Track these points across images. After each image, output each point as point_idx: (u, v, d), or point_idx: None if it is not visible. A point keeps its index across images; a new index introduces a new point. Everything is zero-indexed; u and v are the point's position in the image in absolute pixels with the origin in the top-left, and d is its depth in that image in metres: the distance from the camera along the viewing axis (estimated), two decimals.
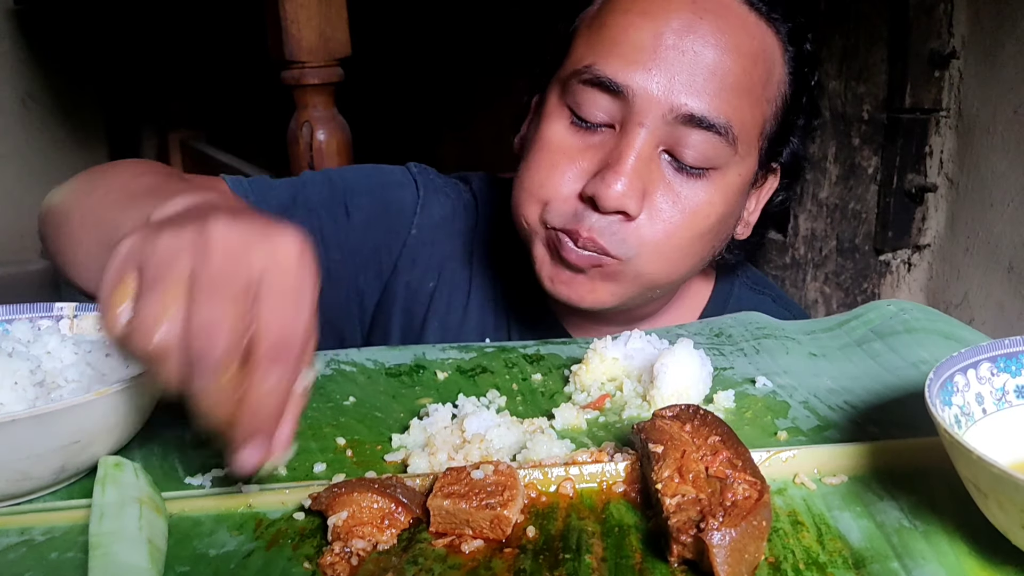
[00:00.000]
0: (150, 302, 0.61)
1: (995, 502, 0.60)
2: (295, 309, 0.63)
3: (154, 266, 0.62)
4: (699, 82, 1.02)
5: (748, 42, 1.06)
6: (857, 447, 0.77)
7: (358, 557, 0.65)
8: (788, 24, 1.10)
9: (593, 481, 0.75)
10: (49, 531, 0.70)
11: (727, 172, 1.07)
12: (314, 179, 1.28)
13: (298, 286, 0.64)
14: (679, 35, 1.03)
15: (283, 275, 0.63)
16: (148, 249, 0.62)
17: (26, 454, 0.69)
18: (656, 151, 1.04)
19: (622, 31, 1.05)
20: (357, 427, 0.87)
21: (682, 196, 1.05)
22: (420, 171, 1.33)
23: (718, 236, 1.13)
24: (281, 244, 0.64)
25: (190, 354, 0.60)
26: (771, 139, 1.12)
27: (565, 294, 1.09)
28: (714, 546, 0.60)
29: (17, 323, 0.87)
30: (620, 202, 1.01)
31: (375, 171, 1.32)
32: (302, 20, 1.95)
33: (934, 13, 2.03)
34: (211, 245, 0.61)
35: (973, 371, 0.73)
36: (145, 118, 3.82)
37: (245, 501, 0.73)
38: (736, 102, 1.04)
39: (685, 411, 0.76)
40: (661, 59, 1.02)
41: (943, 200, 2.12)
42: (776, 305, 1.32)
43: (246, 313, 0.61)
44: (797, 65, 1.12)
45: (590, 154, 1.06)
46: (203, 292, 0.60)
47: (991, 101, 1.95)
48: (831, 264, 2.30)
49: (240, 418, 0.63)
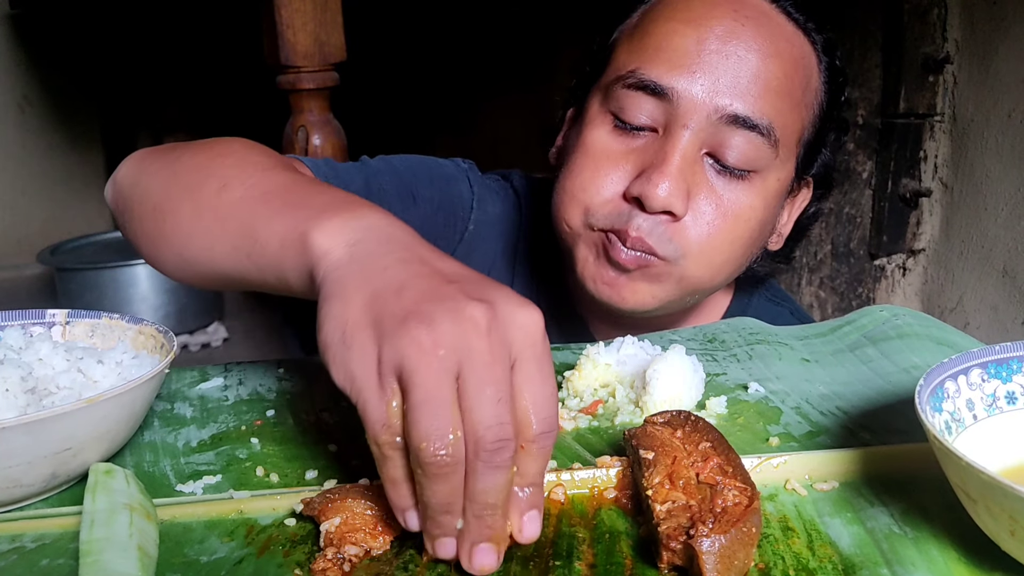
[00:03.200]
0: (432, 416, 0.57)
1: (984, 508, 0.60)
2: (551, 389, 0.62)
3: (423, 375, 0.58)
4: (743, 84, 1.04)
5: (788, 48, 1.08)
6: (848, 453, 0.77)
7: (351, 563, 0.65)
8: (821, 35, 1.14)
9: (584, 487, 0.75)
10: (40, 538, 0.70)
11: (767, 176, 1.09)
12: (380, 166, 1.24)
13: (548, 363, 0.62)
14: (722, 40, 1.05)
15: (536, 353, 0.61)
16: (407, 351, 0.58)
17: (17, 461, 0.69)
18: (699, 154, 1.06)
19: (666, 38, 1.07)
20: (349, 433, 0.87)
21: (725, 199, 1.07)
22: (470, 167, 1.33)
23: (756, 242, 1.14)
24: (529, 319, 0.62)
25: (474, 459, 0.58)
26: (807, 148, 1.15)
27: (607, 295, 1.10)
28: (703, 553, 0.60)
29: (9, 329, 0.87)
30: (666, 201, 1.03)
31: (433, 163, 1.31)
32: (297, 24, 1.95)
33: (928, 18, 2.03)
34: (475, 336, 0.59)
35: (964, 377, 0.73)
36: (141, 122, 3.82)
37: (236, 507, 0.73)
38: (779, 105, 1.07)
39: (676, 417, 0.76)
40: (705, 63, 1.05)
41: (938, 204, 2.12)
42: (793, 318, 1.33)
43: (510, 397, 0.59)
44: (831, 75, 1.15)
45: (633, 157, 1.07)
46: (478, 393, 0.58)
47: (985, 106, 1.96)
48: (826, 268, 2.31)
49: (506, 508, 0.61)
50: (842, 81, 1.18)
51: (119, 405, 0.73)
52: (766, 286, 1.36)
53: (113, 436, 0.75)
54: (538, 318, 0.62)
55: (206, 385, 0.98)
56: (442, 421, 0.57)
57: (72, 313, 0.91)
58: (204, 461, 0.82)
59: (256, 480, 0.78)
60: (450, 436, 0.57)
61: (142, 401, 0.77)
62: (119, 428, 0.76)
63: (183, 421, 0.90)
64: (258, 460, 0.81)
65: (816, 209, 1.25)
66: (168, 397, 0.95)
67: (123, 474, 0.73)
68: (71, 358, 0.83)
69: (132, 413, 0.77)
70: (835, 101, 1.18)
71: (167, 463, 0.81)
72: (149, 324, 0.87)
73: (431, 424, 0.57)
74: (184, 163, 0.94)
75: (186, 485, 0.77)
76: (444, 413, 0.58)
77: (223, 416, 0.91)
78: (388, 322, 0.60)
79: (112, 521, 0.67)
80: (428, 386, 0.58)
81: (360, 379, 0.61)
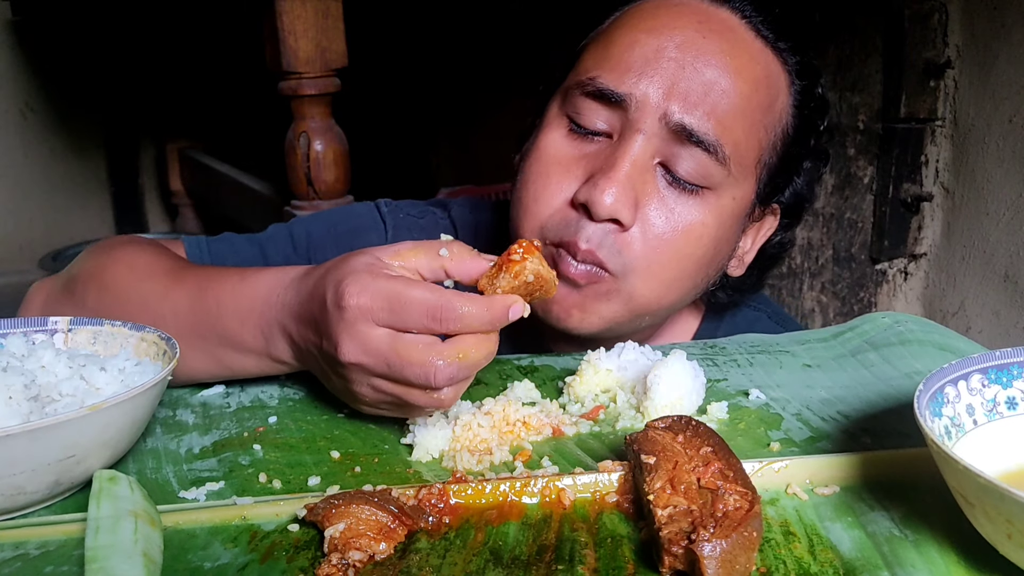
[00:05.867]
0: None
1: (982, 512, 0.60)
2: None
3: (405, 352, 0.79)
4: (694, 97, 1.02)
5: (751, 66, 1.06)
6: (849, 457, 0.78)
7: (355, 568, 0.66)
8: (796, 57, 1.10)
9: (586, 492, 0.75)
10: (43, 545, 0.70)
11: (721, 194, 1.05)
12: (278, 235, 1.27)
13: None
14: (681, 50, 1.03)
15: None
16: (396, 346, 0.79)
17: (20, 468, 0.69)
18: (651, 162, 1.03)
19: (628, 48, 1.05)
20: (351, 440, 0.87)
21: (675, 212, 1.03)
22: (390, 209, 1.32)
23: (711, 264, 1.09)
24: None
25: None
26: (771, 171, 1.11)
27: (556, 313, 1.06)
28: (705, 557, 0.61)
29: (11, 337, 0.87)
30: (613, 208, 1.00)
31: (341, 217, 1.32)
32: (299, 31, 1.96)
33: (929, 23, 2.04)
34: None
35: (964, 382, 0.73)
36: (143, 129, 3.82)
37: (239, 514, 0.73)
38: (730, 123, 1.03)
39: (678, 422, 0.76)
40: (661, 69, 1.03)
41: (939, 209, 2.13)
42: (771, 322, 1.30)
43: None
44: (803, 100, 1.12)
45: (584, 162, 1.05)
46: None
47: (986, 110, 1.96)
48: (827, 273, 2.31)
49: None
50: (816, 107, 1.14)
51: (122, 412, 0.73)
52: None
53: (116, 443, 0.76)
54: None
55: (208, 392, 0.98)
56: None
57: (74, 320, 0.91)
58: (207, 468, 0.82)
59: (259, 486, 0.78)
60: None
61: (145, 408, 0.78)
62: (122, 435, 0.76)
63: (185, 428, 0.90)
64: (260, 466, 0.82)
65: (782, 238, 1.20)
66: (170, 404, 0.95)
67: (127, 481, 0.74)
68: (74, 365, 0.83)
69: (135, 420, 0.77)
70: (808, 127, 1.14)
71: (170, 470, 0.82)
72: (151, 331, 0.87)
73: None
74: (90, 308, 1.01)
75: (189, 492, 0.77)
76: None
77: (225, 423, 0.91)
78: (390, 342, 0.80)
79: (117, 528, 0.67)
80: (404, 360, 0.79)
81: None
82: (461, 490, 0.74)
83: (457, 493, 0.74)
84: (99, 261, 1.05)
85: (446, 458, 0.83)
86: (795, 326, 1.32)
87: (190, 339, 0.93)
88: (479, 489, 0.74)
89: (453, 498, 0.74)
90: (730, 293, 1.21)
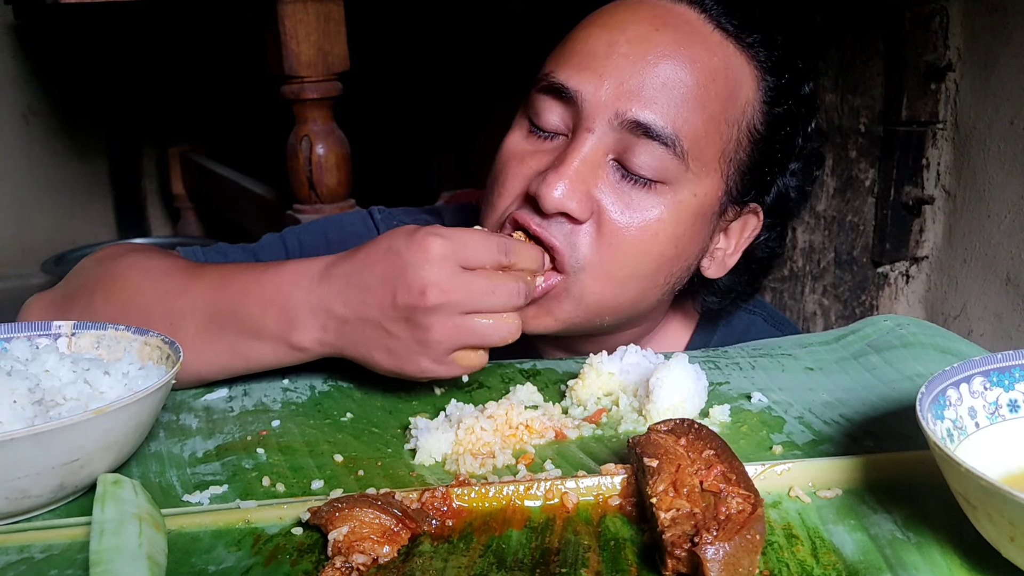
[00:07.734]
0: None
1: (985, 515, 0.60)
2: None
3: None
4: (649, 92, 1.00)
5: (707, 58, 1.03)
6: (851, 460, 0.78)
7: (358, 572, 0.66)
8: (765, 51, 1.07)
9: (589, 495, 0.75)
10: (48, 548, 0.70)
11: (679, 189, 1.02)
12: (271, 245, 1.27)
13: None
14: (632, 44, 1.02)
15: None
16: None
17: (25, 472, 0.69)
18: (605, 159, 1.02)
19: (580, 42, 1.05)
20: (354, 444, 0.87)
21: (630, 207, 1.01)
22: (384, 216, 1.33)
23: (673, 262, 1.06)
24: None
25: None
26: (743, 169, 1.08)
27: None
28: (708, 560, 0.61)
29: (15, 341, 0.88)
30: (560, 202, 0.99)
31: (334, 227, 1.32)
32: (301, 35, 1.96)
33: (930, 26, 2.04)
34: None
35: (966, 385, 0.74)
36: (145, 132, 3.82)
37: (243, 517, 0.73)
38: (687, 115, 1.01)
39: (680, 425, 0.76)
40: (612, 65, 1.01)
41: (940, 212, 2.13)
42: (767, 325, 1.29)
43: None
44: (776, 96, 1.08)
45: (539, 157, 1.05)
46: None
47: (987, 113, 1.96)
48: (829, 276, 2.31)
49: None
50: (796, 105, 1.11)
51: (126, 416, 0.74)
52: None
53: (120, 447, 0.76)
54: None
55: (211, 396, 0.98)
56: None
57: (78, 325, 0.91)
58: (210, 471, 0.82)
59: (262, 490, 0.78)
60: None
61: (149, 412, 0.78)
62: (126, 439, 0.76)
63: (189, 432, 0.90)
64: (264, 470, 0.82)
65: (768, 239, 1.16)
66: (173, 408, 0.95)
67: (131, 484, 0.74)
68: (77, 369, 0.83)
69: (139, 424, 0.77)
70: (784, 125, 1.10)
71: (173, 474, 0.82)
72: (155, 335, 0.87)
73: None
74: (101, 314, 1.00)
75: (193, 495, 0.77)
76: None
77: (228, 427, 0.91)
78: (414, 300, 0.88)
79: (121, 531, 0.67)
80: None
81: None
82: (464, 493, 0.74)
83: (460, 496, 0.74)
84: (107, 268, 1.05)
85: (449, 461, 0.83)
86: (792, 329, 1.31)
87: (207, 329, 0.94)
88: (482, 492, 0.75)
89: (456, 501, 0.74)
90: (720, 298, 1.19)
